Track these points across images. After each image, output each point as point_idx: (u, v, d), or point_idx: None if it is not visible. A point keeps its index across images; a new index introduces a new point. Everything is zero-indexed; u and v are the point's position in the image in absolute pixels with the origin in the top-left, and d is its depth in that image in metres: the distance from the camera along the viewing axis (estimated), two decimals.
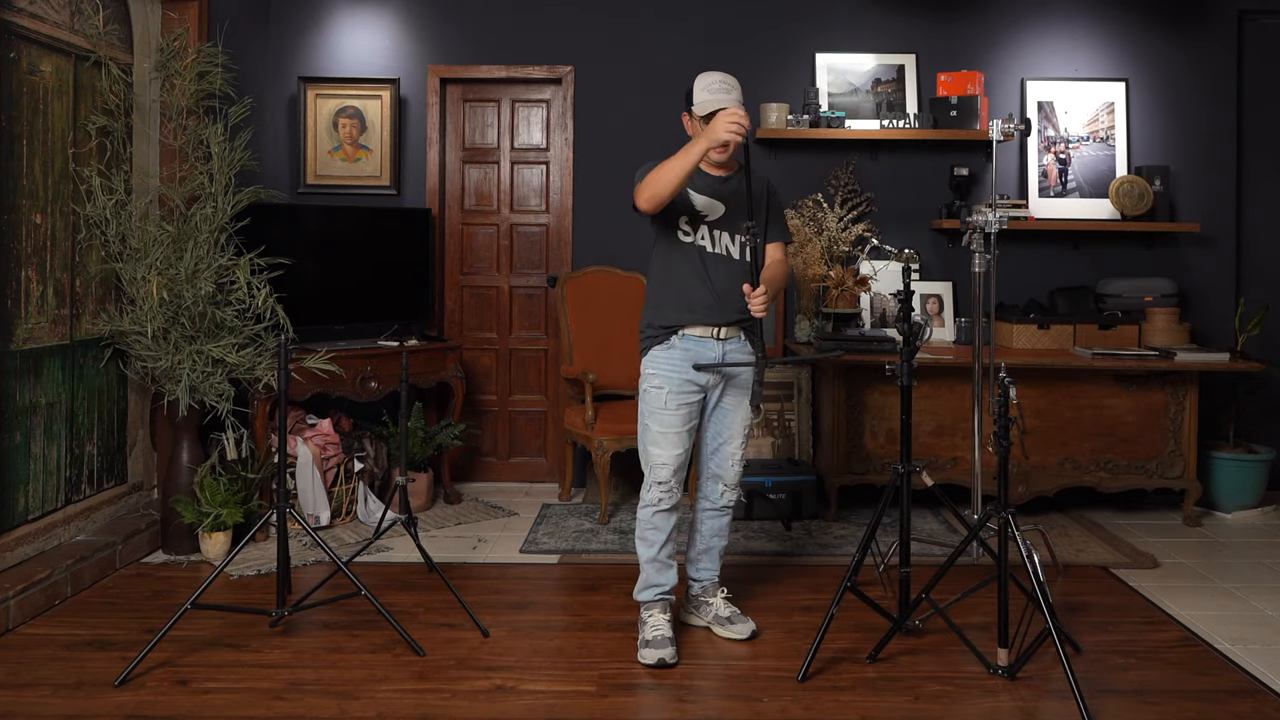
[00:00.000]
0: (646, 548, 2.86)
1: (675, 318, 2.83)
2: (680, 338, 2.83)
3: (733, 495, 2.96)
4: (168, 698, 2.53)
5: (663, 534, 2.84)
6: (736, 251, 2.84)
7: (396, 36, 4.83)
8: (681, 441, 2.83)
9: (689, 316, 2.82)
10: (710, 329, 2.82)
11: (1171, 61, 4.79)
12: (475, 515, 4.32)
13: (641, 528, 2.87)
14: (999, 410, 2.61)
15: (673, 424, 2.81)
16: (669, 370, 2.82)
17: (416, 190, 4.84)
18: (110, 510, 3.67)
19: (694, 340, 2.82)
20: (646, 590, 2.89)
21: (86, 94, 3.52)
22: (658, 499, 2.82)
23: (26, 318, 3.23)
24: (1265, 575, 3.58)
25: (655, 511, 2.83)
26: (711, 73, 2.84)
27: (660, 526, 2.84)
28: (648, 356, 2.88)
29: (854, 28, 4.81)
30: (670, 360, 2.83)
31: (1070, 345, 4.38)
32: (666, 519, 2.84)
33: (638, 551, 2.89)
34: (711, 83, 2.80)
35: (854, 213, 4.66)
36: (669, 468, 2.81)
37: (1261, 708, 2.52)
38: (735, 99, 2.77)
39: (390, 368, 4.21)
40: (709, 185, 2.87)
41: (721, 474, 2.94)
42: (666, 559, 2.88)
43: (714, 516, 2.98)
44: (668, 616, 2.87)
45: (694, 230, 2.84)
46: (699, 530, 3.00)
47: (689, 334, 2.82)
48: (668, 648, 2.75)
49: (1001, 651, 2.66)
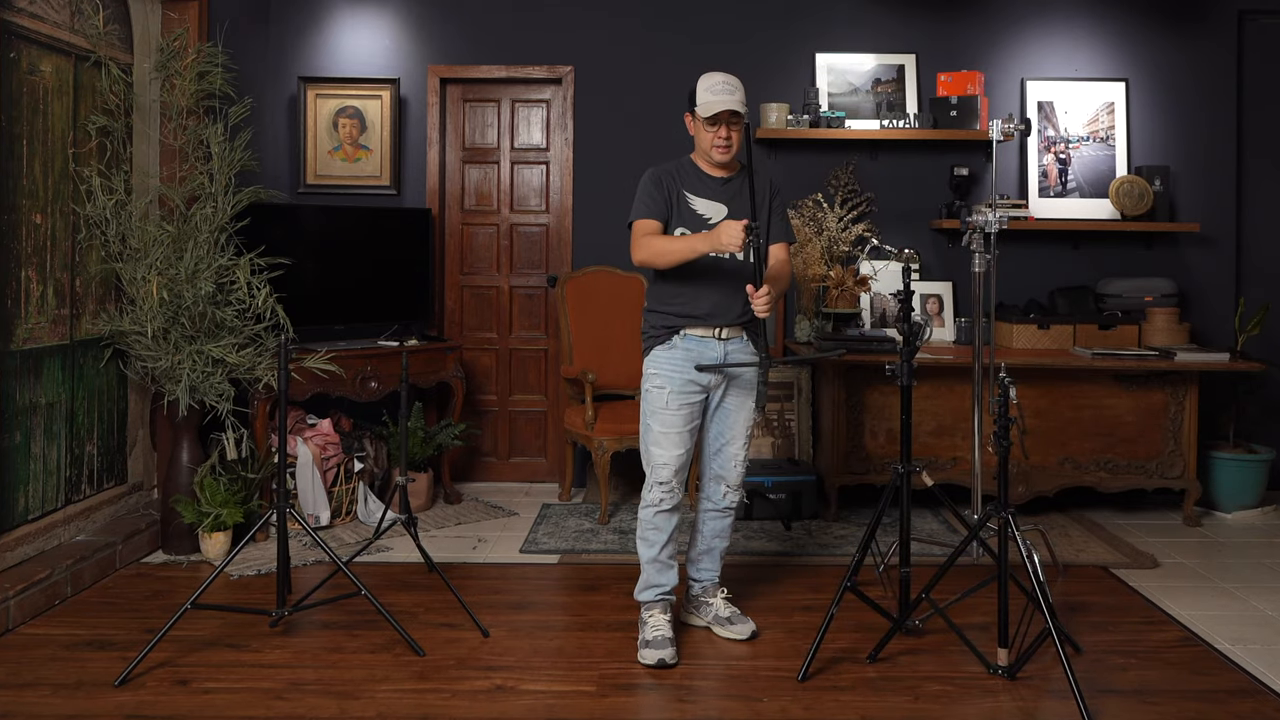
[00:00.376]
0: (648, 548, 2.87)
1: (677, 318, 2.84)
2: (682, 338, 2.83)
3: (735, 496, 2.96)
4: (168, 698, 2.53)
5: (664, 534, 2.85)
6: (740, 253, 2.84)
7: (396, 36, 4.83)
8: (683, 442, 2.83)
9: (690, 317, 2.82)
10: (712, 329, 2.82)
11: (1171, 61, 4.79)
12: (475, 515, 4.32)
13: (643, 528, 2.87)
14: (999, 410, 2.61)
15: (674, 424, 2.82)
16: (671, 370, 2.83)
17: (416, 190, 4.84)
18: (110, 510, 3.67)
19: (696, 340, 2.83)
20: (647, 590, 2.90)
21: (86, 94, 3.52)
22: (659, 499, 2.83)
23: (26, 318, 3.23)
24: (1265, 575, 3.58)
25: (657, 512, 2.83)
26: (714, 73, 2.84)
27: (661, 527, 2.84)
28: (650, 356, 2.88)
29: (854, 28, 4.81)
30: (672, 360, 2.83)
31: (1070, 345, 4.38)
32: (668, 519, 2.84)
33: (639, 551, 2.89)
34: (715, 84, 2.80)
35: (854, 213, 4.66)
36: (670, 468, 2.82)
37: (1261, 708, 2.52)
38: (738, 100, 2.77)
39: (390, 368, 4.21)
40: (710, 188, 2.87)
41: (724, 475, 2.93)
42: (667, 559, 2.88)
43: (716, 517, 2.98)
44: (668, 617, 2.87)
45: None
46: (700, 531, 3.01)
47: (690, 334, 2.83)
48: (668, 648, 2.75)
49: (1001, 651, 2.66)
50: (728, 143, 2.80)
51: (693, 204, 2.85)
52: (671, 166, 2.91)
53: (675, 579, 2.91)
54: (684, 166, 2.92)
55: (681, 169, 2.91)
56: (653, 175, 2.88)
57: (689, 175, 2.89)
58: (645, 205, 2.84)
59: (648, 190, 2.86)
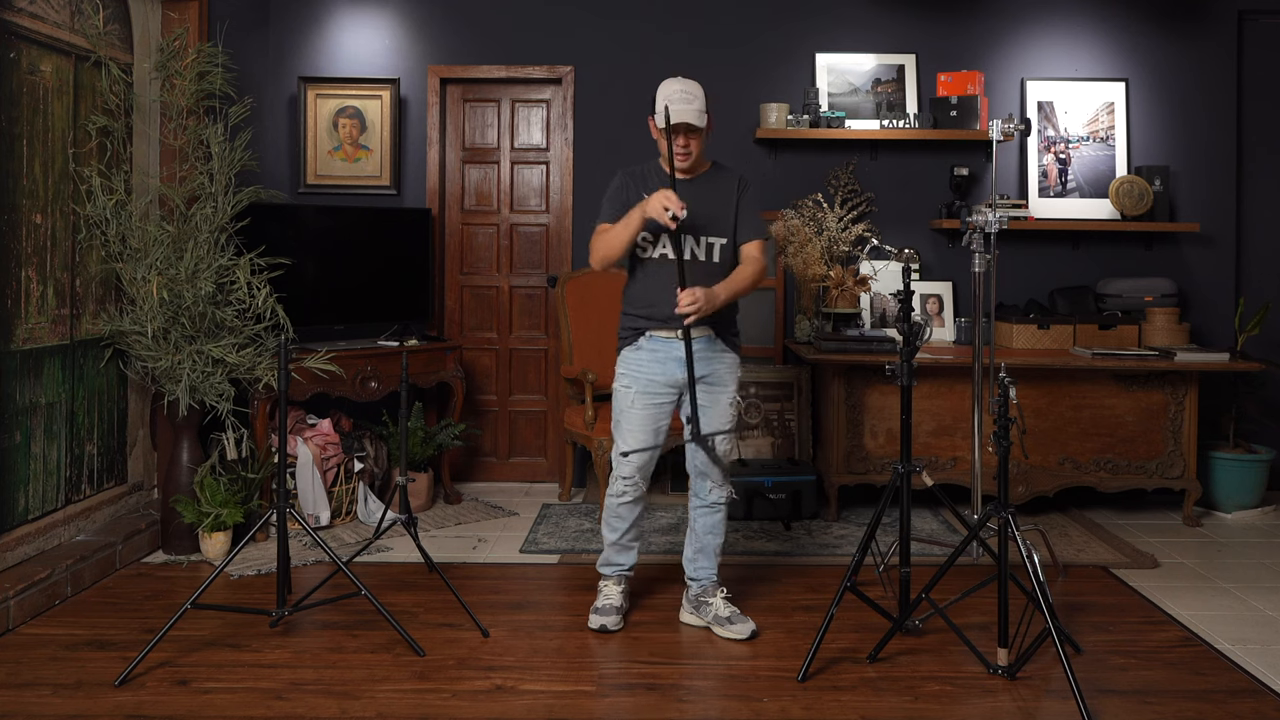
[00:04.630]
0: (610, 532, 3.08)
1: (644, 320, 2.94)
2: (648, 339, 2.95)
3: (722, 492, 3.02)
4: (168, 698, 2.53)
5: (626, 522, 3.04)
6: (703, 254, 2.94)
7: (396, 36, 4.83)
8: (647, 440, 2.95)
9: (655, 320, 2.92)
10: (675, 330, 2.89)
11: (1171, 61, 4.79)
12: (475, 515, 4.32)
13: (607, 514, 3.06)
14: (999, 410, 2.61)
15: (639, 423, 2.95)
16: (636, 370, 2.95)
17: (416, 190, 4.84)
18: (110, 510, 3.67)
19: (661, 341, 2.93)
20: (607, 566, 3.13)
21: (86, 94, 3.52)
22: (622, 491, 2.99)
23: (26, 318, 3.23)
24: (1265, 575, 3.58)
25: (620, 503, 3.01)
26: (674, 81, 2.89)
27: (624, 516, 3.03)
28: (620, 357, 3.02)
29: (854, 28, 4.81)
30: (638, 361, 2.95)
31: (1070, 345, 4.38)
32: (630, 510, 3.02)
33: (603, 532, 3.11)
34: (672, 93, 2.85)
35: (854, 213, 4.66)
36: (633, 464, 2.96)
37: (1261, 708, 2.52)
38: (695, 111, 2.83)
39: (390, 368, 4.21)
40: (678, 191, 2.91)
41: (708, 471, 3.00)
42: (628, 543, 3.09)
43: (706, 514, 3.03)
44: (621, 588, 3.10)
45: (654, 241, 2.93)
46: (693, 528, 3.06)
47: (656, 335, 2.94)
48: (612, 615, 3.00)
49: (1001, 651, 2.66)
50: (687, 150, 2.88)
51: None
52: (639, 170, 3.02)
53: (634, 559, 3.13)
54: (650, 170, 3.01)
55: (647, 173, 3.00)
56: (620, 180, 3.00)
57: (653, 179, 2.97)
58: (607, 208, 2.96)
59: (612, 193, 2.98)
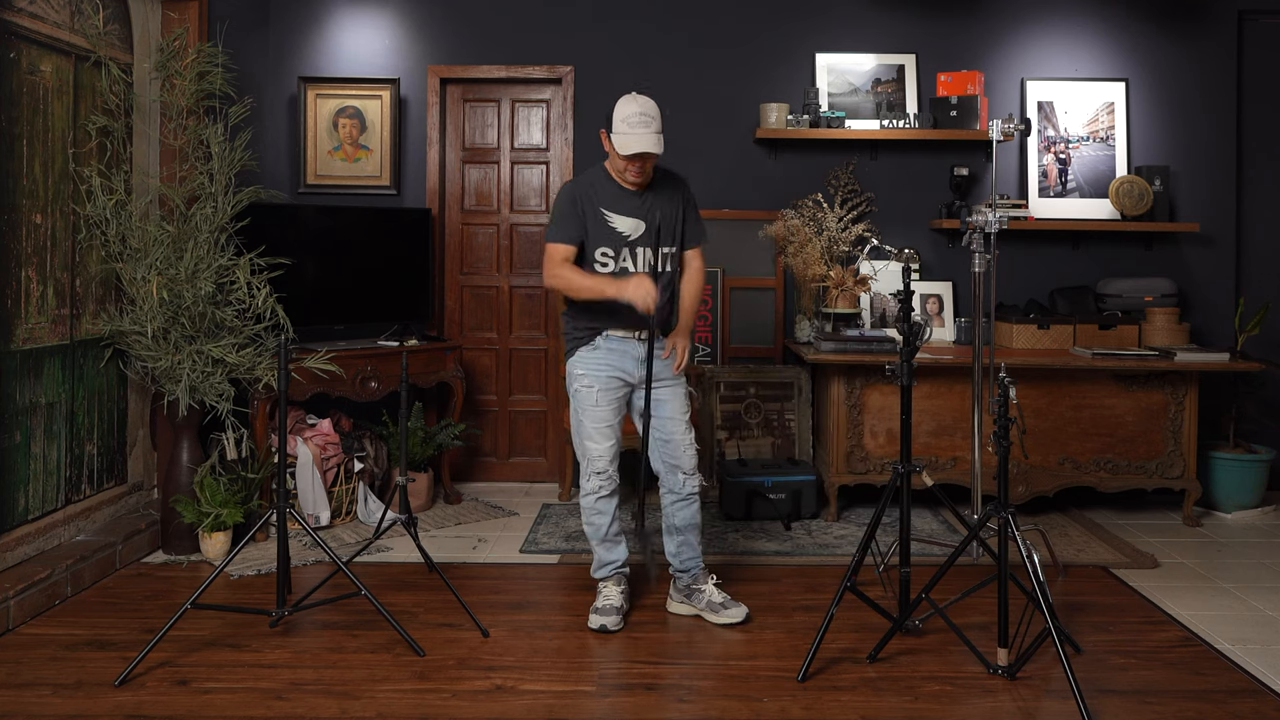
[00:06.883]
0: (594, 530, 3.08)
1: (601, 320, 2.97)
2: (605, 338, 3.00)
3: (694, 482, 3.06)
4: (168, 698, 2.53)
5: (607, 517, 3.05)
6: (659, 264, 2.99)
7: (396, 36, 4.83)
8: (614, 433, 3.04)
9: (612, 321, 2.96)
10: (633, 331, 2.97)
11: (1171, 61, 4.79)
12: (475, 515, 4.32)
13: (586, 515, 3.08)
14: (999, 410, 2.61)
15: (604, 418, 3.01)
16: (596, 369, 3.00)
17: (416, 190, 4.84)
18: (110, 510, 3.67)
19: (618, 340, 3.00)
20: (601, 569, 3.12)
21: (86, 94, 3.52)
22: (598, 487, 3.01)
23: (26, 318, 3.23)
24: (1265, 575, 3.58)
25: (598, 499, 3.03)
26: (632, 100, 2.85)
27: (604, 511, 3.04)
28: (574, 358, 3.04)
29: (854, 28, 4.81)
30: (596, 359, 3.00)
31: (1070, 345, 4.38)
32: (608, 503, 3.04)
33: (587, 535, 3.11)
34: (630, 114, 2.82)
35: (854, 213, 4.66)
36: (605, 458, 3.01)
37: (1261, 708, 2.52)
38: (653, 135, 2.82)
39: (390, 368, 4.21)
40: (627, 203, 2.97)
41: (678, 463, 3.04)
42: (614, 536, 3.09)
43: (683, 506, 3.07)
44: (621, 588, 3.09)
45: (615, 256, 2.95)
46: (672, 522, 3.09)
47: (613, 335, 2.99)
48: (612, 615, 2.98)
49: (1001, 651, 2.66)
50: (641, 171, 2.90)
51: (611, 221, 2.95)
52: (587, 180, 3.00)
53: (625, 552, 3.12)
54: (599, 181, 2.99)
55: (596, 184, 2.98)
56: (569, 194, 2.97)
57: (605, 191, 2.97)
58: (560, 228, 2.95)
59: (564, 211, 2.95)
